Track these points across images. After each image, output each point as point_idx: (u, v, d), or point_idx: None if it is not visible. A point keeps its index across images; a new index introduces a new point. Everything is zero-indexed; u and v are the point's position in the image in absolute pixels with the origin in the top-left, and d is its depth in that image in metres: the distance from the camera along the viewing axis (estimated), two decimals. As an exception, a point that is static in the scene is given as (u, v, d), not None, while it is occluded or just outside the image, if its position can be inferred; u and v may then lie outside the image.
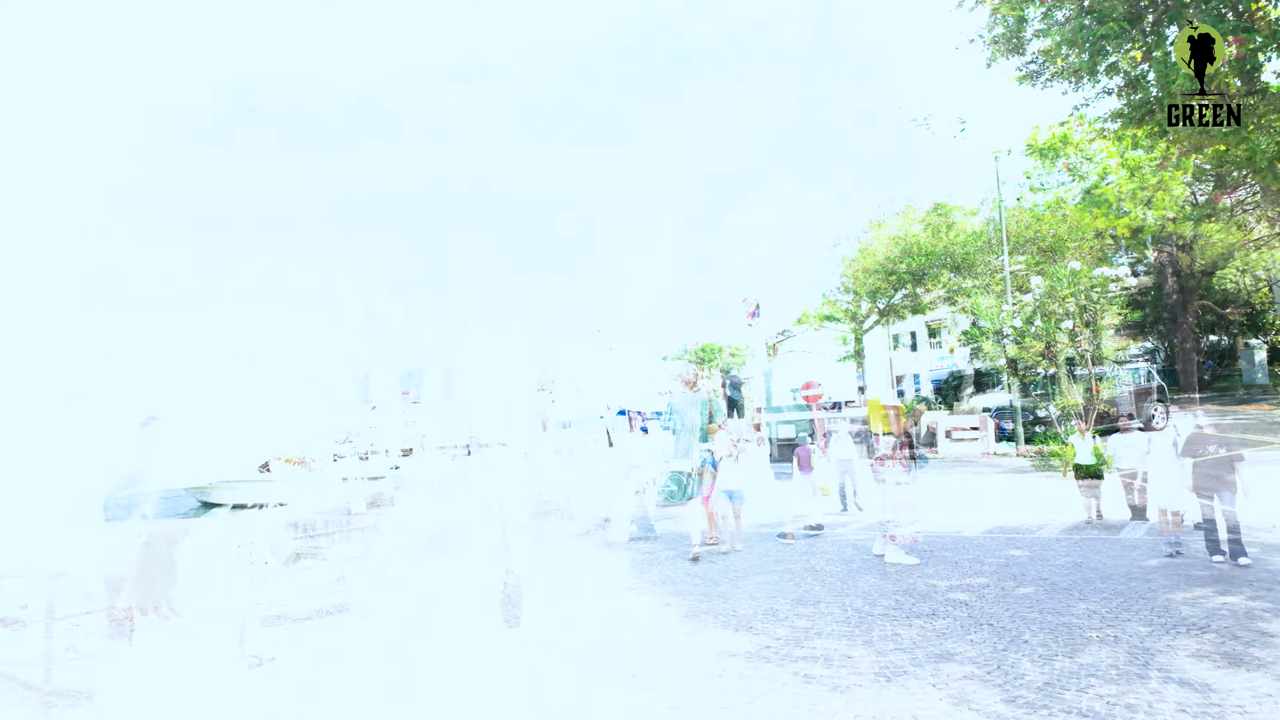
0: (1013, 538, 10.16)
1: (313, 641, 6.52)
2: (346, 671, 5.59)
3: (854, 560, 9.04)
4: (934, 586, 7.35)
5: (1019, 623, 5.84)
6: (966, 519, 12.35)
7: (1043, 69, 14.09)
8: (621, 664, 5.39)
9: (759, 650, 5.51)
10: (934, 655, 5.12)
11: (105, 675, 6.77)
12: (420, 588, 6.56)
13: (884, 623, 6.08)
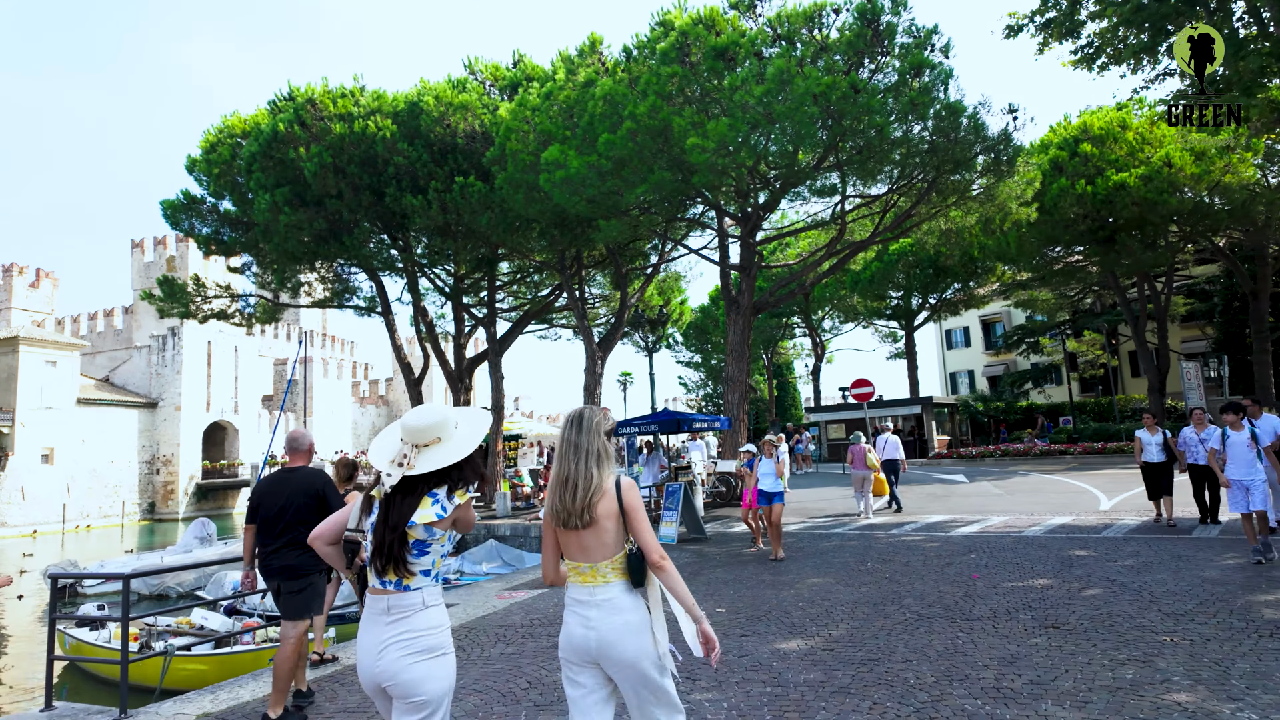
0: (1075, 538, 9.82)
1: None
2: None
3: (910, 561, 8.85)
4: (994, 588, 7.14)
5: (1086, 625, 5.62)
6: (1025, 519, 11.99)
7: (1099, 52, 13.58)
8: (682, 668, 5.37)
9: (814, 652, 5.43)
10: (998, 659, 4.97)
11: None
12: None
13: (943, 625, 5.93)
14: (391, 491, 2.51)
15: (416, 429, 2.55)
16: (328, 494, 4.94)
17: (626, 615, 2.56)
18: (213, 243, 20.24)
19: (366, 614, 2.52)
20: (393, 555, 2.46)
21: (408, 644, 2.43)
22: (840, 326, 41.35)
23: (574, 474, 2.59)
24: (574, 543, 2.62)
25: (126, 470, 44.78)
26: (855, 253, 18.92)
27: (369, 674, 2.48)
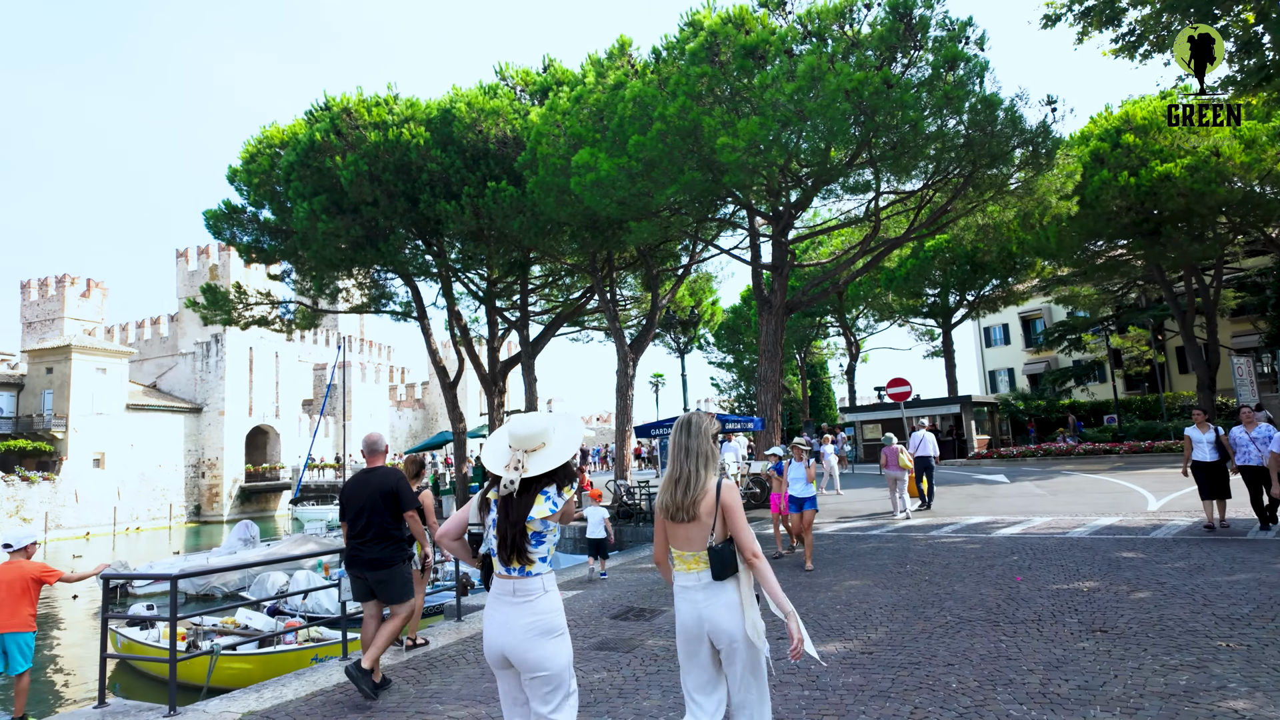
0: (1123, 539, 9.54)
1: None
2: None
3: (951, 564, 8.68)
4: (1038, 590, 6.97)
5: (1136, 629, 5.46)
6: (1069, 520, 11.69)
7: (1141, 40, 13.21)
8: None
9: (852, 655, 5.35)
10: (1042, 663, 4.84)
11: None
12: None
13: (985, 628, 5.81)
14: (504, 489, 2.87)
15: (524, 436, 2.91)
16: (400, 491, 5.32)
17: (729, 596, 2.92)
18: (253, 251, 20.72)
19: (493, 596, 2.91)
20: (516, 546, 2.82)
21: (532, 625, 2.79)
22: (875, 325, 40.80)
23: (683, 474, 2.97)
24: (680, 534, 2.98)
25: (173, 474, 46.06)
26: (890, 250, 18.66)
27: (495, 647, 2.85)
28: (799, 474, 9.65)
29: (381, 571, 5.25)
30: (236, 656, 9.58)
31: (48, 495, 38.34)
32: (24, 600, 5.93)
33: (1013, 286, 33.99)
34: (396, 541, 5.32)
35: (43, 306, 55.79)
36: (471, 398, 60.93)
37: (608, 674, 5.34)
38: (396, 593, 5.30)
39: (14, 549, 6.16)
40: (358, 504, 5.33)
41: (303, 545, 18.98)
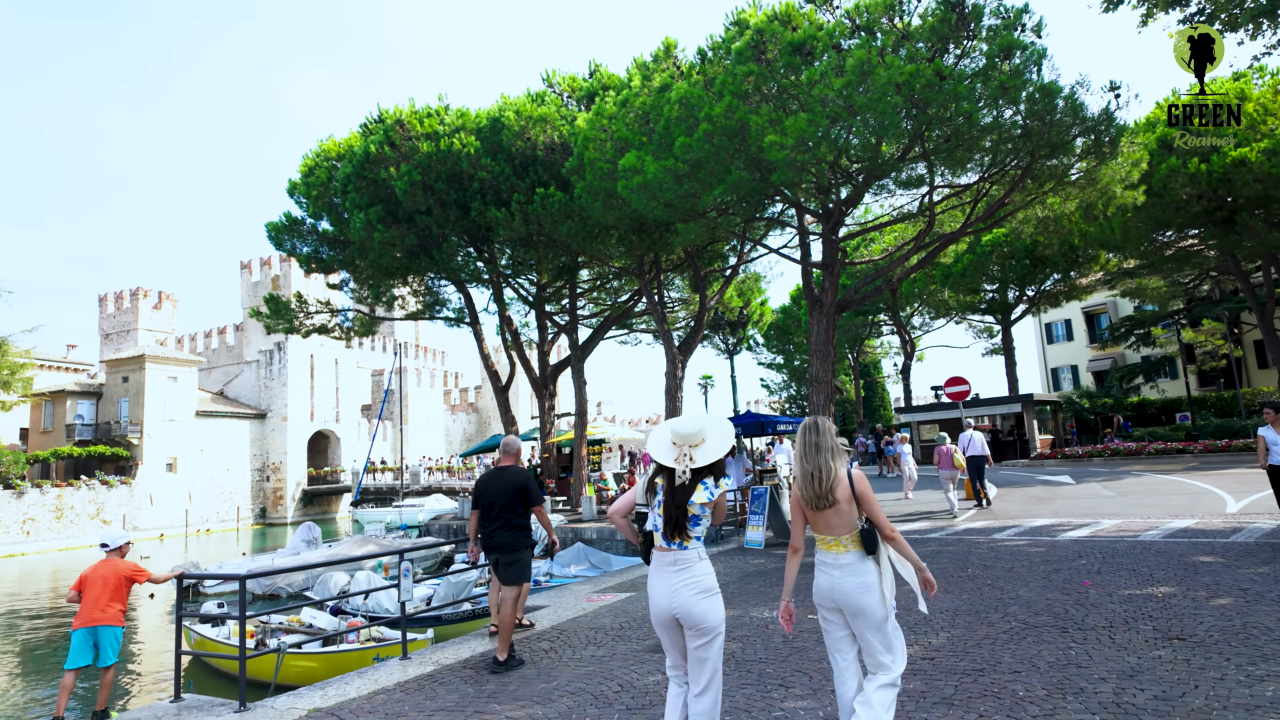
0: (1200, 543, 9.10)
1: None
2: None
3: (1015, 567, 8.41)
4: (1109, 595, 6.70)
5: (1216, 638, 5.19)
6: (1141, 522, 11.20)
7: (1212, 19, 12.61)
8: (766, 671, 5.28)
9: (913, 660, 5.22)
10: (1115, 672, 4.65)
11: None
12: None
13: (1053, 634, 5.60)
14: (677, 480, 3.40)
15: (686, 434, 3.46)
16: (528, 487, 6.13)
17: (861, 577, 3.34)
18: (313, 261, 21.38)
19: (655, 566, 3.46)
20: (679, 525, 3.36)
21: (693, 586, 3.34)
22: (931, 323, 39.86)
23: (818, 468, 3.40)
24: (820, 520, 3.46)
25: (240, 477, 47.84)
26: (945, 245, 18.20)
27: (662, 608, 3.39)
28: None
29: (509, 554, 6.02)
30: (302, 655, 9.87)
31: (125, 498, 40.24)
32: (116, 597, 6.24)
33: (1075, 281, 32.80)
34: (522, 530, 6.10)
35: (118, 319, 58.66)
36: (523, 401, 61.70)
37: (662, 676, 5.32)
38: (517, 574, 6.04)
39: (110, 548, 6.48)
40: (490, 497, 6.09)
41: (363, 546, 19.48)
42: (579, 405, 22.35)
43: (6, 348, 33.77)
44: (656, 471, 3.57)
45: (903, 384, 39.62)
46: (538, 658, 6.15)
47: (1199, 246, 26.79)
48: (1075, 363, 45.09)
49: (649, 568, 3.53)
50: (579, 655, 6.13)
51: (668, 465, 3.47)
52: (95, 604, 6.15)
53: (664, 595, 3.39)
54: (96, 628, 6.11)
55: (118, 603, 6.28)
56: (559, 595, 9.23)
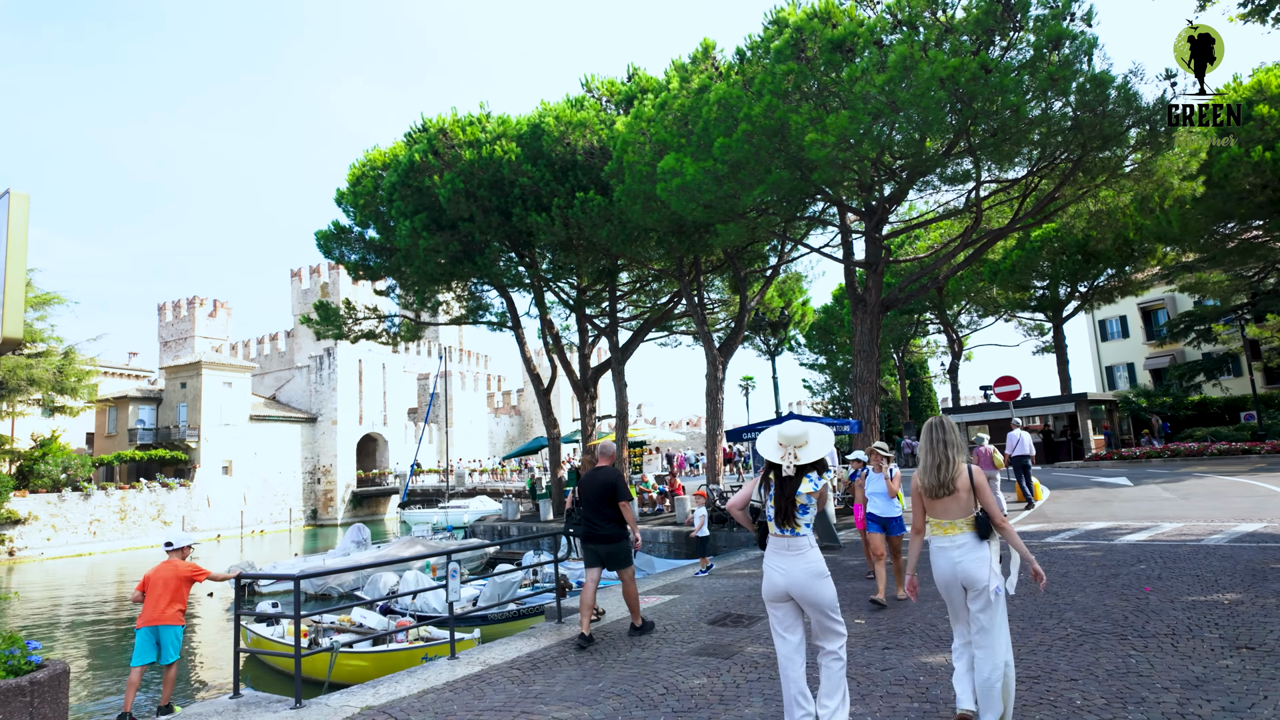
0: (1269, 548, 8.71)
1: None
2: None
3: (1069, 572, 8.17)
4: (1170, 602, 6.46)
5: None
6: (1204, 526, 10.77)
7: (1275, 2, 12.09)
8: (815, 679, 5.23)
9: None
10: (1179, 681, 4.48)
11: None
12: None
13: (1111, 641, 5.43)
14: (784, 474, 3.94)
15: (792, 436, 4.01)
16: (618, 485, 6.85)
17: (977, 554, 3.83)
18: (360, 268, 21.88)
19: (771, 551, 3.98)
20: (789, 514, 3.91)
21: (808, 570, 3.84)
22: (979, 321, 38.94)
23: (942, 460, 3.90)
24: (939, 507, 3.96)
25: (292, 480, 49.15)
26: (993, 241, 17.78)
27: (778, 587, 3.90)
28: (879, 487, 8.02)
29: (610, 545, 6.82)
30: (353, 654, 10.11)
31: (184, 500, 41.69)
32: (176, 597, 6.49)
33: (1130, 276, 31.69)
34: (620, 522, 6.85)
35: (176, 326, 60.84)
36: (564, 403, 62.12)
37: (707, 680, 5.32)
38: (622, 559, 6.87)
39: (173, 548, 6.74)
40: (589, 494, 6.86)
41: (411, 548, 19.84)
42: (620, 407, 22.42)
43: (73, 356, 35.29)
44: (767, 469, 4.08)
45: (950, 384, 38.80)
46: (583, 659, 6.19)
47: (1264, 238, 25.66)
48: (1131, 360, 43.58)
49: (765, 552, 4.06)
50: (623, 657, 6.15)
51: (776, 463, 3.99)
52: (157, 604, 6.40)
53: (780, 575, 3.90)
54: (158, 627, 6.35)
55: (178, 603, 6.52)
56: (603, 597, 9.26)
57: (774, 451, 4.04)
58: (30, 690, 4.23)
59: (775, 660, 5.57)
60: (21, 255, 4.79)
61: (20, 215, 4.82)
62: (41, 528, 35.34)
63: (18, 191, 4.82)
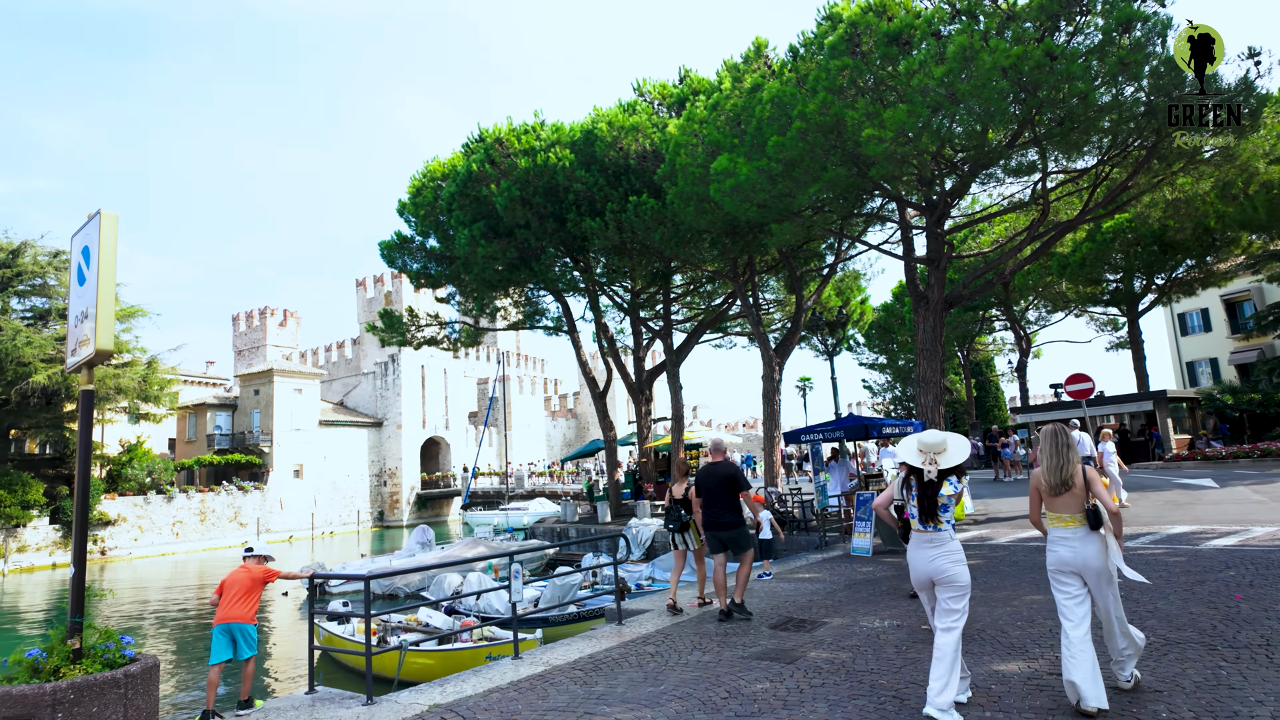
0: (1376, 554, 8.13)
1: (575, 644, 6.96)
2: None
3: (1151, 578, 7.79)
4: (1264, 610, 6.11)
5: (1399, 661, 4.63)
6: (1303, 530, 10.13)
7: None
8: (880, 684, 5.13)
9: (1038, 676, 4.94)
10: (1274, 695, 4.23)
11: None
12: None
13: (1199, 651, 5.16)
14: (926, 477, 4.51)
15: (931, 444, 4.56)
16: (737, 477, 7.52)
17: (1096, 544, 4.30)
18: (422, 277, 22.45)
19: (914, 544, 4.57)
20: (931, 512, 4.47)
21: (948, 556, 4.45)
22: (1047, 317, 37.55)
23: (1063, 461, 4.38)
24: (1058, 502, 4.42)
25: (359, 483, 50.71)
26: (1062, 234, 17.12)
27: (922, 573, 4.54)
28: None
29: (731, 531, 7.51)
30: (420, 652, 10.37)
31: (259, 503, 43.46)
32: (250, 597, 6.80)
33: (1212, 266, 30.07)
34: (738, 511, 7.54)
35: (249, 336, 63.51)
36: (620, 406, 62.43)
37: (770, 684, 5.27)
38: (744, 543, 7.57)
39: (252, 554, 7.08)
40: (709, 485, 7.55)
41: (474, 549, 20.23)
42: (675, 409, 22.42)
43: (156, 365, 37.21)
44: (909, 472, 4.66)
45: (1018, 382, 37.53)
46: (644, 661, 6.21)
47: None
48: (1214, 355, 41.31)
49: (908, 545, 4.64)
50: (685, 660, 6.15)
51: (917, 467, 4.56)
52: (231, 604, 6.73)
53: (923, 564, 4.52)
54: (231, 624, 6.67)
55: (251, 603, 6.83)
56: (663, 600, 9.27)
57: (915, 457, 4.59)
58: (124, 682, 4.47)
59: (839, 666, 5.50)
60: (111, 272, 5.08)
61: (110, 234, 5.11)
62: (129, 528, 37.34)
63: (108, 212, 5.12)
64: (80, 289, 5.28)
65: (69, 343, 5.48)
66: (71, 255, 5.44)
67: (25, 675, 4.23)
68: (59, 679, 4.20)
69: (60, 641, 4.43)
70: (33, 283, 34.42)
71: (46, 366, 31.71)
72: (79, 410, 5.09)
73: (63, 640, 4.45)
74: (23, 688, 4.10)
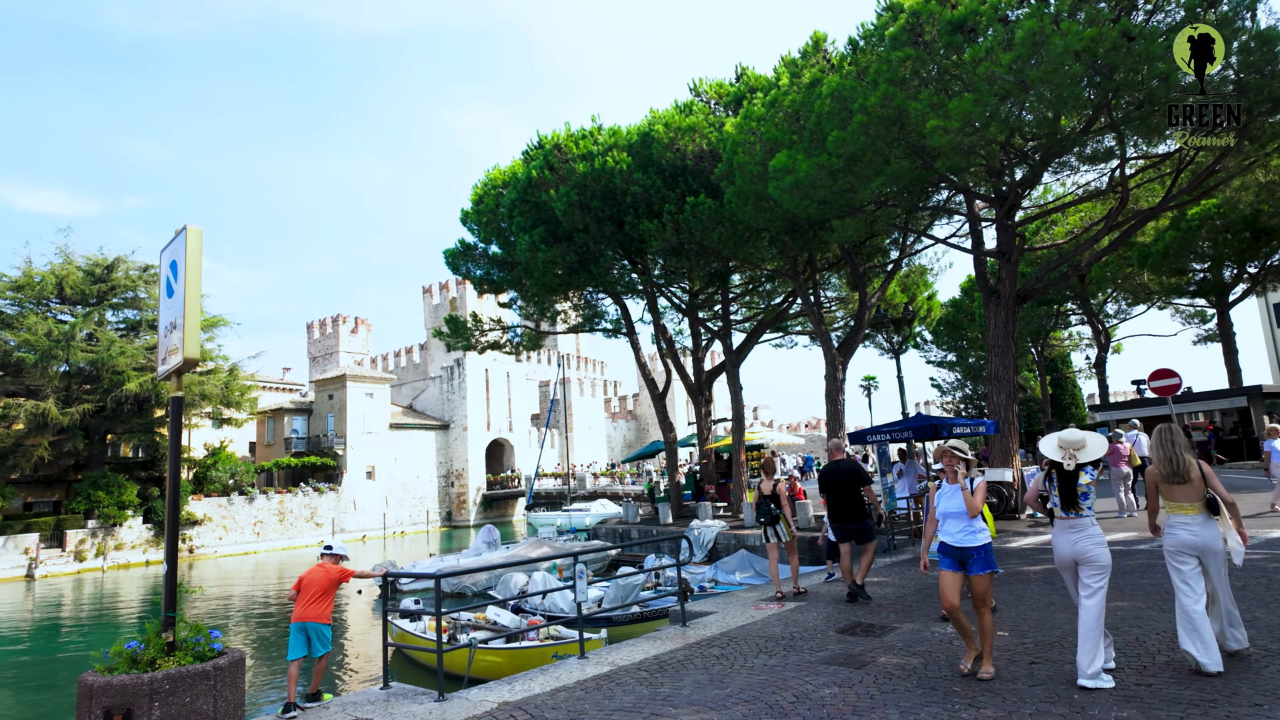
0: None
1: (640, 644, 6.97)
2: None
3: (1248, 585, 7.35)
4: (1379, 622, 5.67)
5: None
6: None
7: None
8: (953, 690, 4.97)
9: (1125, 686, 4.71)
10: (1393, 713, 3.93)
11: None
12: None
13: (1305, 665, 4.83)
14: (1065, 470, 5.03)
15: (1071, 441, 5.12)
16: (860, 472, 8.52)
17: (1214, 528, 4.86)
18: (484, 283, 22.92)
19: (1058, 529, 5.07)
20: (1072, 500, 5.01)
21: (1090, 539, 4.93)
22: (1128, 310, 35.76)
23: (1174, 456, 4.90)
24: (1176, 492, 4.93)
25: (428, 484, 52.08)
26: (1142, 223, 16.28)
27: (1066, 555, 5.01)
28: (956, 504, 5.46)
29: (856, 524, 8.42)
30: (489, 650, 10.57)
31: (333, 503, 45.10)
32: (326, 598, 7.08)
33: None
34: (862, 503, 8.46)
35: (322, 343, 65.97)
36: (679, 407, 62.36)
37: (839, 690, 5.17)
38: (867, 534, 8.42)
39: (330, 553, 7.37)
40: (835, 481, 8.57)
41: (538, 549, 20.51)
42: (735, 410, 22.25)
43: (237, 372, 39.05)
44: (1050, 466, 5.17)
45: (1097, 379, 35.86)
46: (710, 663, 6.18)
47: None
48: (1317, 347, 38.59)
49: (1053, 530, 5.16)
50: (750, 663, 6.09)
51: (1058, 461, 5.09)
52: (308, 603, 7.02)
53: (1067, 547, 5.01)
54: (307, 624, 6.95)
55: (326, 602, 7.11)
56: (725, 602, 9.22)
57: (1056, 452, 5.13)
58: (214, 675, 4.71)
59: (911, 672, 5.38)
60: (197, 284, 5.36)
61: (195, 248, 5.39)
62: (214, 528, 39.27)
63: (193, 227, 5.40)
64: (169, 300, 5.59)
65: (159, 352, 5.80)
66: (160, 269, 5.76)
67: (125, 666, 4.49)
68: (155, 670, 4.45)
69: (156, 635, 4.69)
70: (125, 296, 36.62)
71: (138, 375, 33.66)
72: (169, 415, 5.39)
73: (158, 634, 4.71)
74: (123, 678, 4.36)
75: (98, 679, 4.36)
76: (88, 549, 33.84)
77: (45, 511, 35.05)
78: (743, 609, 8.45)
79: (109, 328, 35.85)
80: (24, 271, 34.26)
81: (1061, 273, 17.87)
